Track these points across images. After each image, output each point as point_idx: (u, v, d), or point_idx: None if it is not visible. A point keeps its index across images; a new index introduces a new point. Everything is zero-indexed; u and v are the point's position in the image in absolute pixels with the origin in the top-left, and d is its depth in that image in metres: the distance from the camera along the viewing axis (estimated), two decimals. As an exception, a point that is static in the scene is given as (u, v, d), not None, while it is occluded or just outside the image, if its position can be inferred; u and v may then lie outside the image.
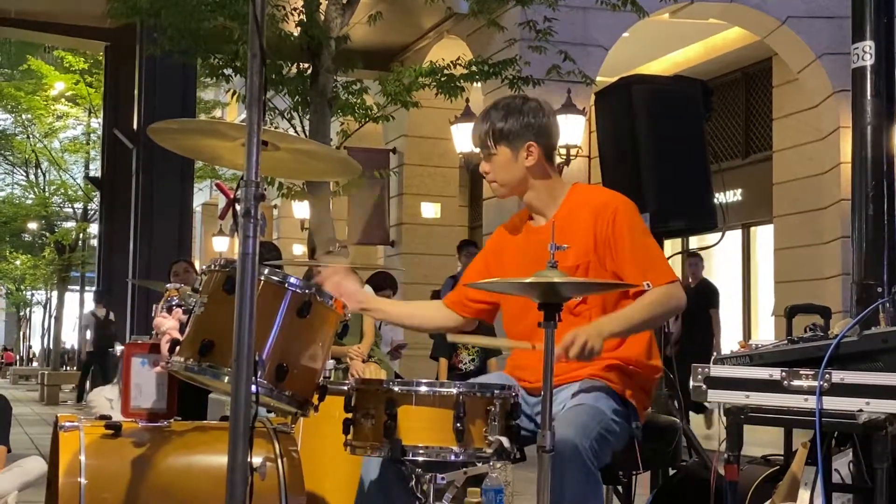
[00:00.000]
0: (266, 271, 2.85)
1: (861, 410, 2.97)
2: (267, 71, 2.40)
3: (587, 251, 3.16)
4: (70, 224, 31.09)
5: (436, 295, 8.27)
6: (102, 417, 3.23)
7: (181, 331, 2.97)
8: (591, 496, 2.87)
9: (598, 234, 3.15)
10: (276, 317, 2.84)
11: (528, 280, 2.69)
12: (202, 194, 27.65)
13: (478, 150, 3.33)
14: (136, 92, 16.25)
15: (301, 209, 16.21)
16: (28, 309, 46.38)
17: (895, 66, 4.70)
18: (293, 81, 10.42)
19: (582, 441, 2.85)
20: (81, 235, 30.70)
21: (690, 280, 11.81)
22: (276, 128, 9.10)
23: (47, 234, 31.23)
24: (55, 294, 33.98)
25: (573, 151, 12.20)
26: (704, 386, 3.24)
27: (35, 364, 42.47)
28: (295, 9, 10.27)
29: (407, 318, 3.64)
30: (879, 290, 4.50)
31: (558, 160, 12.01)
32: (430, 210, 15.76)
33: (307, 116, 10.45)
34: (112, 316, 17.31)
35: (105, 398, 5.66)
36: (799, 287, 13.54)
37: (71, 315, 34.10)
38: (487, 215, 13.58)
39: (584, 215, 3.20)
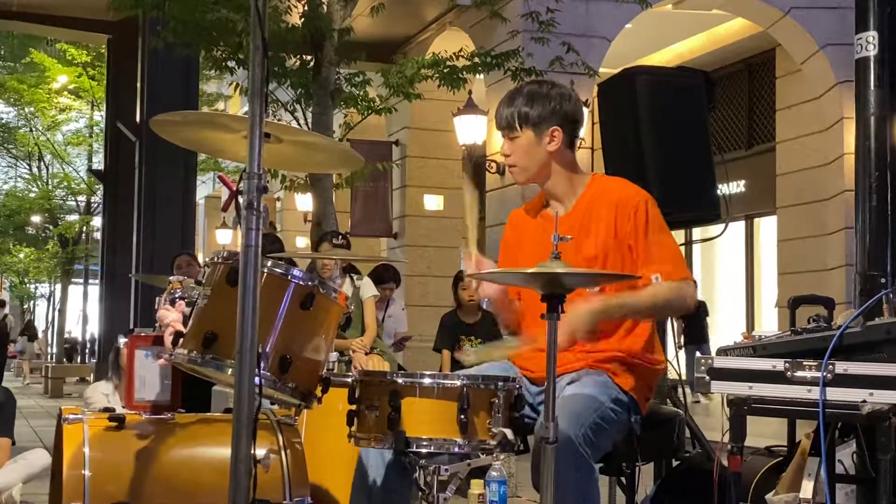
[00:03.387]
0: (269, 263, 2.85)
1: (864, 401, 2.97)
2: (270, 63, 2.40)
3: (606, 244, 3.14)
4: (73, 217, 31.14)
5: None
6: (106, 410, 3.24)
7: (184, 323, 2.98)
8: (585, 485, 2.86)
9: (620, 229, 3.14)
10: (279, 309, 2.84)
11: (530, 270, 2.68)
12: (205, 187, 27.69)
13: (500, 132, 3.34)
14: (138, 84, 16.25)
15: (304, 201, 16.22)
16: (32, 302, 46.45)
17: (899, 56, 4.70)
18: (296, 73, 10.42)
19: (575, 431, 2.84)
20: (84, 228, 30.76)
21: None
22: (278, 120, 9.10)
23: (51, 227, 31.30)
24: (59, 287, 34.04)
25: (576, 143, 12.17)
26: (708, 377, 3.24)
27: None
28: (299, 0, 10.26)
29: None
30: (883, 280, 4.50)
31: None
32: (432, 202, 15.74)
33: (310, 108, 10.44)
34: (8, 319, 17.75)
35: (101, 393, 5.68)
36: (802, 278, 13.54)
37: (75, 308, 34.19)
38: (491, 207, 13.57)
39: (604, 208, 3.19)
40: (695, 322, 14.76)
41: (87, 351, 30.99)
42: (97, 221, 27.36)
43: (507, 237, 3.49)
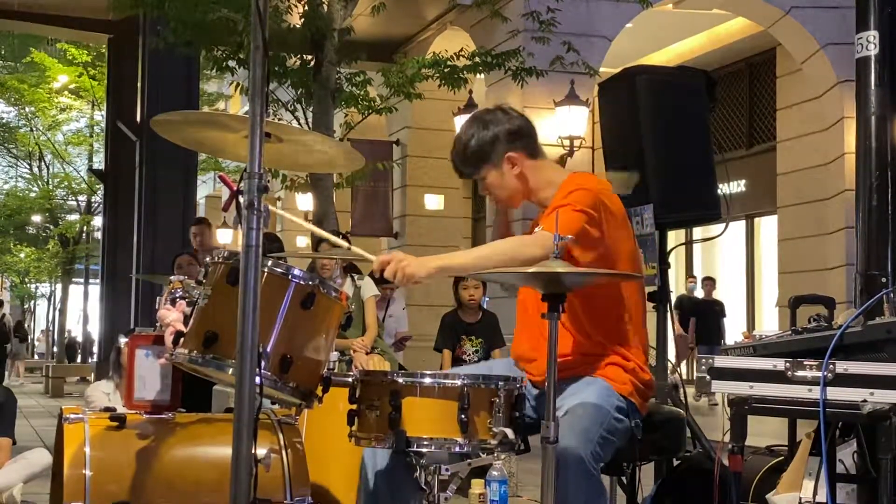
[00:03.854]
0: (269, 263, 2.85)
1: (865, 401, 2.97)
2: (270, 63, 2.40)
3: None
4: (74, 217, 31.12)
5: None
6: (107, 409, 3.24)
7: (185, 323, 2.98)
8: (594, 501, 2.87)
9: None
10: (279, 308, 2.84)
11: (531, 270, 2.68)
12: (206, 186, 27.66)
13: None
14: (139, 84, 16.24)
15: (304, 201, 16.22)
16: (32, 301, 46.44)
17: (899, 55, 4.70)
18: (296, 73, 10.42)
19: (584, 449, 2.85)
20: (85, 228, 30.74)
21: None
22: (279, 119, 9.10)
23: (51, 227, 31.27)
24: (59, 287, 34.03)
25: (577, 143, 12.20)
26: (709, 377, 3.24)
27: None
28: (299, 0, 10.27)
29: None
30: (883, 280, 4.50)
31: (562, 151, 12.04)
32: (433, 201, 15.75)
33: (310, 108, 10.44)
34: (7, 318, 18.02)
35: (102, 392, 5.69)
36: (803, 277, 13.54)
37: (75, 307, 34.18)
38: (491, 207, 13.57)
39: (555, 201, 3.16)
40: (708, 322, 14.60)
41: (85, 350, 30.94)
42: (98, 221, 27.36)
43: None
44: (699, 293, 15.22)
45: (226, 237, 23.28)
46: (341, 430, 2.87)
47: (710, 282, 15.30)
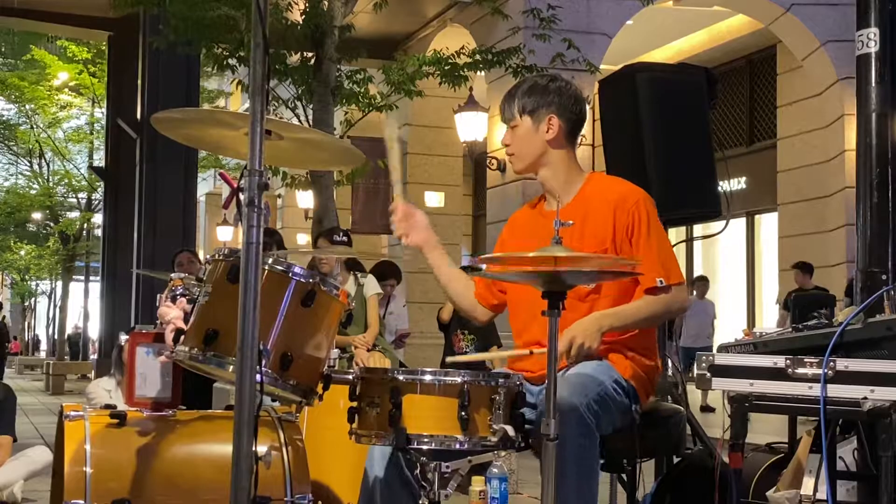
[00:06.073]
0: (270, 260, 2.85)
1: (865, 398, 2.97)
2: (270, 60, 2.40)
3: (604, 241, 3.15)
4: (74, 214, 31.13)
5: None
6: (107, 407, 3.24)
7: (186, 320, 2.98)
8: (588, 453, 2.86)
9: (618, 225, 3.16)
10: (280, 306, 2.84)
11: (530, 269, 2.68)
12: (206, 184, 27.67)
13: (505, 124, 3.41)
14: (139, 81, 16.25)
15: (305, 198, 16.22)
16: (33, 299, 46.45)
17: (900, 53, 4.69)
18: (297, 70, 10.42)
19: (580, 399, 2.86)
20: (85, 225, 30.76)
21: None
22: (279, 117, 9.09)
23: (51, 225, 31.29)
24: (60, 284, 34.05)
25: (577, 139, 12.20)
26: (709, 374, 3.24)
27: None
28: (300, -3, 10.28)
29: (448, 282, 3.56)
30: (884, 277, 4.50)
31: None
32: (433, 199, 15.75)
33: (311, 106, 10.45)
34: (7, 320, 18.15)
35: (104, 389, 5.70)
36: (803, 275, 13.51)
37: (75, 305, 34.19)
38: (491, 204, 13.58)
39: (602, 205, 3.20)
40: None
41: (85, 347, 30.97)
42: (98, 218, 27.36)
43: (503, 235, 3.50)
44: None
45: (226, 234, 23.33)
46: (342, 428, 2.87)
47: (806, 270, 12.80)
